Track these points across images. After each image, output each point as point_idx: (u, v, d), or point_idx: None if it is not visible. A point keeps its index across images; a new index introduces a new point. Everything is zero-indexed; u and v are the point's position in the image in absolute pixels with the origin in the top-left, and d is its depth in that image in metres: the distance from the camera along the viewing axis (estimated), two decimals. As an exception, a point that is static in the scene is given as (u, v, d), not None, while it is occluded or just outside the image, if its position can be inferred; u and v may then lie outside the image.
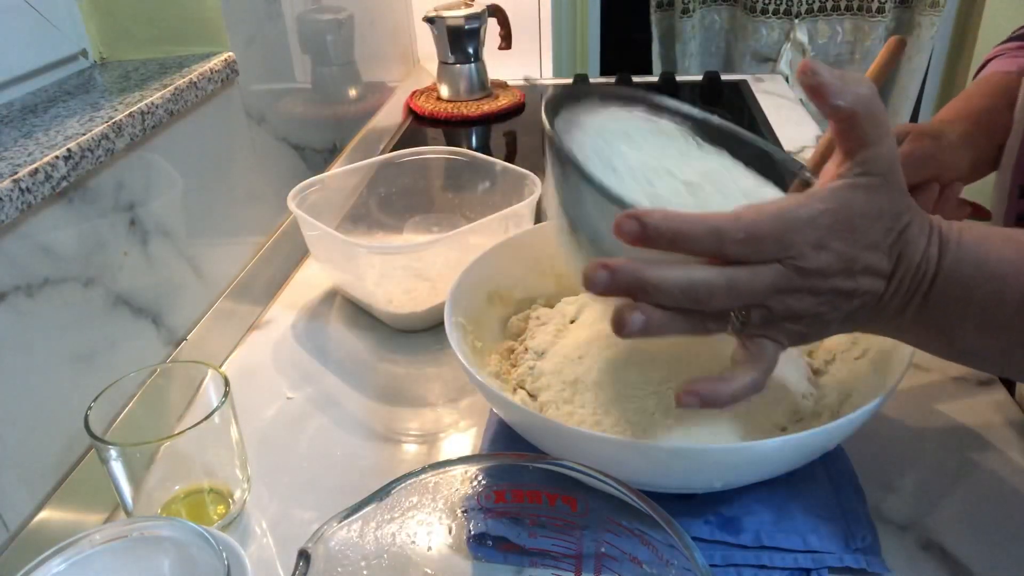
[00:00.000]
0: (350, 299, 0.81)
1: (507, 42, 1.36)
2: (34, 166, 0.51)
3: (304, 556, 0.36)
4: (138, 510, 0.51)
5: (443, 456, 0.62)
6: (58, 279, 0.55)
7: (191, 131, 0.72)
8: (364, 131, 1.17)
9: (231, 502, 0.55)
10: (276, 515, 0.56)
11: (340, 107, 1.13)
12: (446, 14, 1.26)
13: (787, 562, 0.49)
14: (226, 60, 0.75)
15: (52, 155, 0.53)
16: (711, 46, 1.84)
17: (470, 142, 1.25)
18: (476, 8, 1.29)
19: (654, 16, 1.80)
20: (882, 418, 0.60)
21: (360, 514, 0.38)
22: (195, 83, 0.70)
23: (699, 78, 1.40)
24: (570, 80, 1.39)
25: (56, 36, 0.70)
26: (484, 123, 1.29)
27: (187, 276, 0.72)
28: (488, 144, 1.25)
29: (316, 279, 0.86)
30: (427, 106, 1.30)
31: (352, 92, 1.17)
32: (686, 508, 0.52)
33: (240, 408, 0.55)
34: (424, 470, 0.40)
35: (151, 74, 0.71)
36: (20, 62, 0.67)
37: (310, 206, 0.80)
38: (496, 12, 1.33)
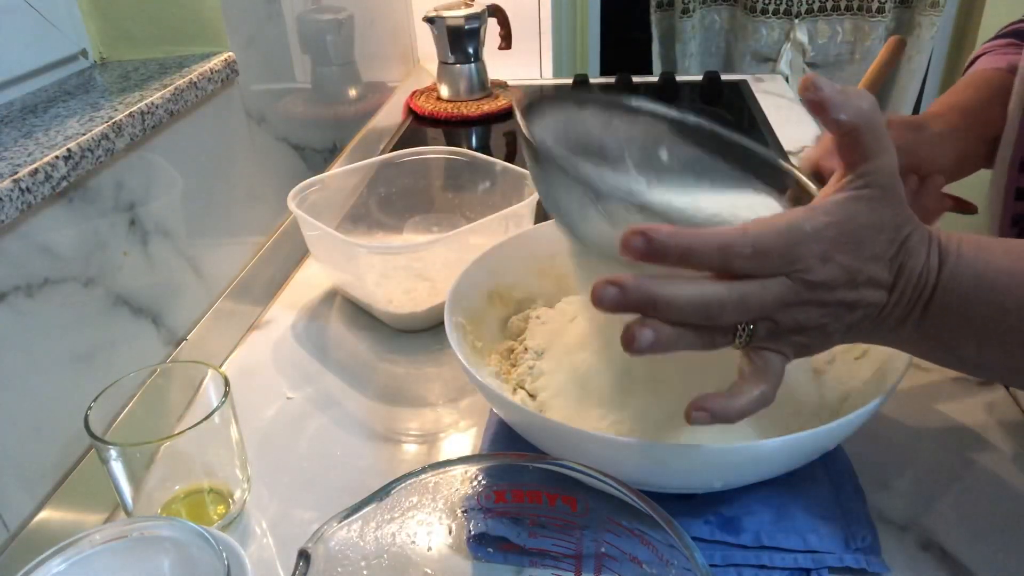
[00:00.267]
0: (350, 299, 0.81)
1: (507, 42, 1.36)
2: (34, 166, 0.51)
3: (304, 556, 0.36)
4: (138, 510, 0.51)
5: (443, 456, 0.62)
6: (58, 279, 0.55)
7: (191, 131, 0.72)
8: (364, 131, 1.17)
9: (231, 502, 0.55)
10: (276, 515, 0.56)
11: (340, 107, 1.13)
12: (446, 14, 1.26)
13: (787, 562, 0.49)
14: (226, 60, 0.75)
15: (52, 155, 0.53)
16: (711, 46, 1.84)
17: (470, 142, 1.25)
18: (476, 8, 1.29)
19: (654, 16, 1.80)
20: (882, 418, 0.60)
21: (360, 514, 0.38)
22: (195, 83, 0.70)
23: (699, 78, 1.40)
24: (570, 80, 1.39)
25: (56, 36, 0.70)
26: (484, 123, 1.28)
27: (187, 276, 0.72)
28: (488, 144, 1.25)
29: (316, 279, 0.86)
30: (427, 106, 1.30)
31: (352, 92, 1.17)
32: (686, 508, 0.52)
33: (240, 408, 0.55)
34: (424, 470, 0.40)
35: (151, 74, 0.71)
36: (20, 62, 0.67)
37: (310, 206, 0.80)
38: (496, 12, 1.33)
